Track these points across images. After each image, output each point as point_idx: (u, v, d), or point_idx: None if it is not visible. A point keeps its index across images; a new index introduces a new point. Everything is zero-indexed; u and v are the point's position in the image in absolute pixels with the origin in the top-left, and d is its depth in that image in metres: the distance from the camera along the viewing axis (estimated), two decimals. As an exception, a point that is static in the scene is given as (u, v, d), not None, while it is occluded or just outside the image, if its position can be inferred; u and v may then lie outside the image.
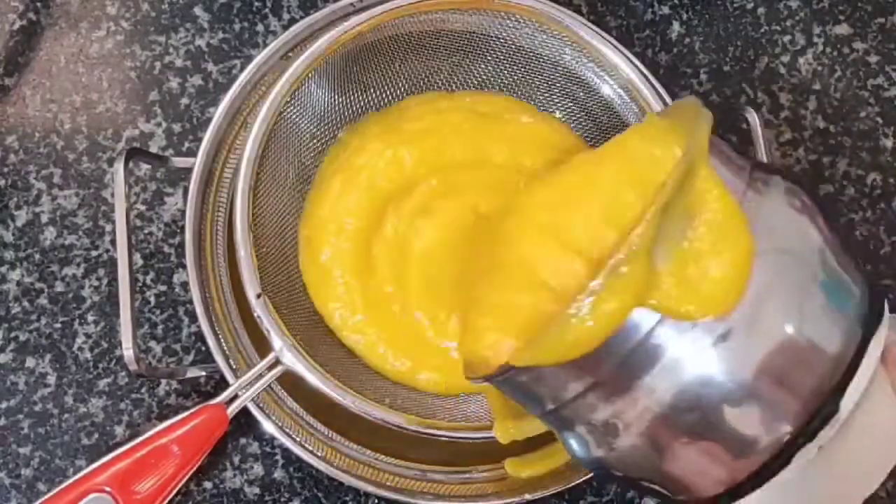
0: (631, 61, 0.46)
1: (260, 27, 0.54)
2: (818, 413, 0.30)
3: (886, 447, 0.31)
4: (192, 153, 0.50)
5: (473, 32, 0.48)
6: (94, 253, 0.50)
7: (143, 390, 0.49)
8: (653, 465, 0.32)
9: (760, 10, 0.57)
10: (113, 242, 0.50)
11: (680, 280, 0.30)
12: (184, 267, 0.50)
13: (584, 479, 0.45)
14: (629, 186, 0.34)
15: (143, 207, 0.51)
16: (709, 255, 0.30)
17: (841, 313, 0.31)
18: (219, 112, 0.47)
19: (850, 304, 0.31)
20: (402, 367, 0.45)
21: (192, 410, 0.43)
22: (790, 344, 0.30)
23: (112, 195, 0.51)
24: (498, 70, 0.49)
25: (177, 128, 0.52)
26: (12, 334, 0.49)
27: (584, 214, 0.35)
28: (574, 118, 0.50)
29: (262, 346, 0.44)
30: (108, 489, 0.41)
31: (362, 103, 0.48)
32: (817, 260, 0.32)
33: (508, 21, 0.47)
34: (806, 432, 0.30)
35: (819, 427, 0.30)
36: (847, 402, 0.30)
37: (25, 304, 0.50)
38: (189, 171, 0.46)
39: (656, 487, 0.33)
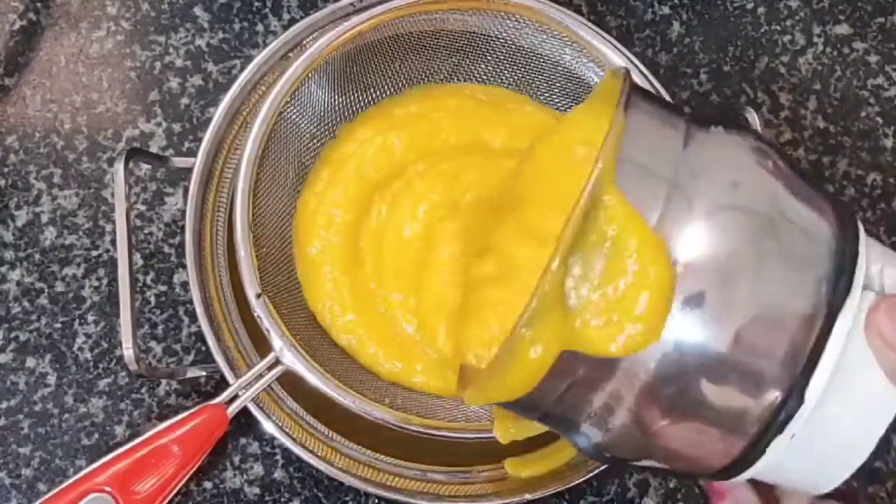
0: (631, 61, 0.46)
1: (260, 27, 0.54)
2: (786, 404, 0.29)
3: (872, 415, 0.30)
4: (192, 153, 0.50)
5: (473, 32, 0.48)
6: (94, 253, 0.50)
7: (143, 390, 0.49)
8: (649, 443, 0.31)
9: (760, 10, 0.57)
10: (113, 242, 0.50)
11: (599, 322, 0.28)
12: (184, 267, 0.50)
13: (584, 479, 0.45)
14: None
15: (143, 207, 0.51)
16: (624, 293, 0.28)
17: (811, 280, 0.29)
18: (219, 112, 0.47)
19: (819, 272, 0.29)
20: (395, 368, 0.45)
21: (192, 410, 0.42)
22: (761, 313, 0.29)
23: (112, 195, 0.51)
24: (498, 70, 0.49)
25: (177, 128, 0.52)
26: (12, 334, 0.49)
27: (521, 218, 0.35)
28: (574, 118, 0.50)
29: (262, 346, 0.44)
30: (108, 489, 0.41)
31: (362, 103, 0.48)
32: (781, 218, 0.30)
33: (508, 21, 0.47)
34: (776, 426, 0.29)
35: (787, 420, 0.29)
36: (816, 383, 0.29)
37: (25, 304, 0.50)
38: (189, 171, 0.46)
39: (663, 466, 0.33)
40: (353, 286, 0.45)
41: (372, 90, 0.48)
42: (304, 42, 0.48)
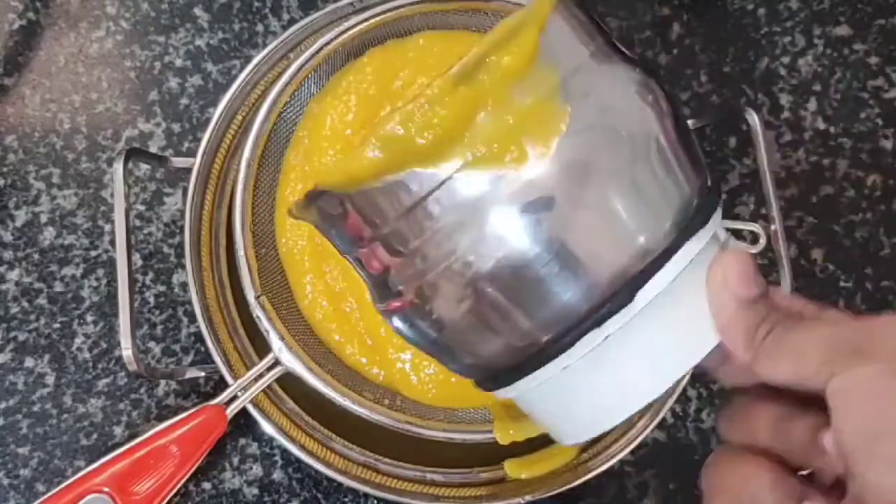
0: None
1: (260, 27, 0.54)
2: (613, 299, 0.29)
3: (679, 354, 0.30)
4: (191, 153, 0.50)
5: (474, 33, 0.48)
6: (93, 253, 0.50)
7: (142, 391, 0.49)
8: (438, 326, 0.31)
9: (761, 12, 0.57)
10: (112, 242, 0.50)
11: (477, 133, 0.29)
12: (183, 267, 0.49)
13: (583, 480, 0.45)
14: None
15: (142, 207, 0.51)
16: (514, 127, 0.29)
17: (663, 208, 0.30)
18: (218, 112, 0.47)
19: (675, 203, 0.30)
20: (379, 375, 0.44)
21: (191, 411, 0.42)
22: (602, 221, 0.29)
23: (111, 195, 0.50)
24: (498, 71, 0.49)
25: (176, 128, 0.52)
26: (11, 334, 0.49)
27: None
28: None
29: (261, 346, 0.44)
30: (106, 490, 0.41)
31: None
32: (653, 148, 0.30)
33: (508, 22, 0.47)
34: (595, 318, 0.29)
35: (608, 315, 0.29)
36: (644, 295, 0.29)
37: (24, 304, 0.49)
38: (188, 171, 0.46)
39: (443, 355, 0.32)
40: (327, 288, 0.45)
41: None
42: (304, 42, 0.48)
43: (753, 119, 0.48)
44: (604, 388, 0.30)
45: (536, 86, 0.29)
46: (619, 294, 0.29)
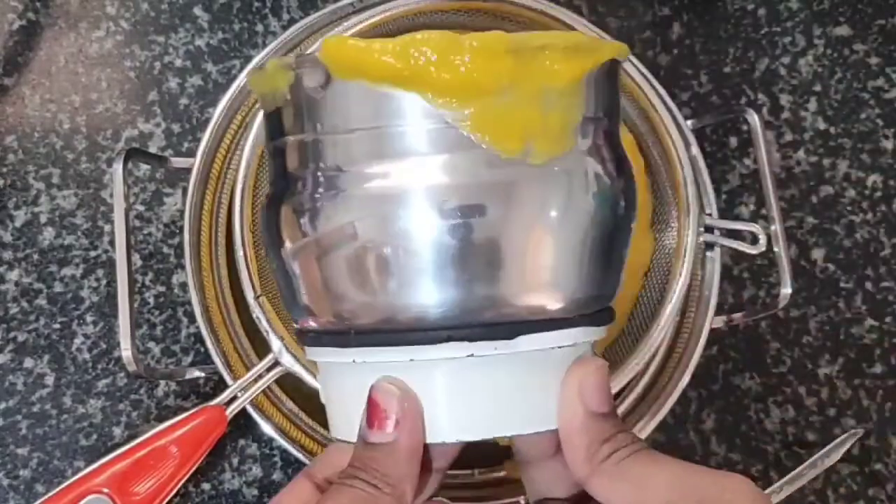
0: (631, 62, 0.46)
1: (259, 27, 0.54)
2: (496, 327, 0.29)
3: (512, 415, 0.30)
4: (191, 153, 0.50)
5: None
6: (92, 253, 0.50)
7: (141, 391, 0.49)
8: (318, 271, 0.30)
9: (761, 12, 0.57)
10: (112, 243, 0.50)
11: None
12: (183, 268, 0.49)
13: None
14: None
15: (142, 208, 0.51)
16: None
17: (578, 284, 0.30)
18: (218, 112, 0.46)
19: (587, 289, 0.30)
20: None
21: (190, 412, 0.42)
22: (532, 249, 0.29)
23: (111, 195, 0.50)
24: (498, 71, 0.49)
25: (176, 128, 0.52)
26: (11, 335, 0.49)
27: None
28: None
29: (261, 347, 0.44)
30: (106, 490, 0.41)
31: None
32: (598, 235, 0.30)
33: (508, 22, 0.47)
34: (464, 334, 0.28)
35: (485, 337, 0.28)
36: (533, 340, 0.29)
37: (24, 304, 0.49)
38: (188, 171, 0.46)
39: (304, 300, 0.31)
40: None
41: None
42: (304, 42, 0.48)
43: (753, 119, 0.48)
44: (431, 396, 0.30)
45: (567, 106, 0.29)
46: (501, 326, 0.29)
